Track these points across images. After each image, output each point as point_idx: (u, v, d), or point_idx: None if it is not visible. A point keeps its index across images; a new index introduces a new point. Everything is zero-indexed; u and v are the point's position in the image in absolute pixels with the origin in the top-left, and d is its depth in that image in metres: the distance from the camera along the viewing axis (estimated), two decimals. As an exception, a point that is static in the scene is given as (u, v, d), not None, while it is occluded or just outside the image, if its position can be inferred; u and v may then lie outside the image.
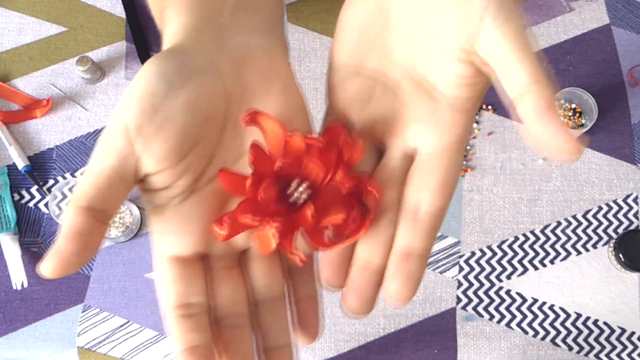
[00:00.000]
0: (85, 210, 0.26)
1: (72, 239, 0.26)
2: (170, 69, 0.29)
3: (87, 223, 0.26)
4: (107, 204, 0.27)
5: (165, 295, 0.29)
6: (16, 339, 0.71)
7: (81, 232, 0.26)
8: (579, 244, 0.74)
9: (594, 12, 0.83)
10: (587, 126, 0.74)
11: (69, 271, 0.26)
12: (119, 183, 0.27)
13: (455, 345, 0.71)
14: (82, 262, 0.26)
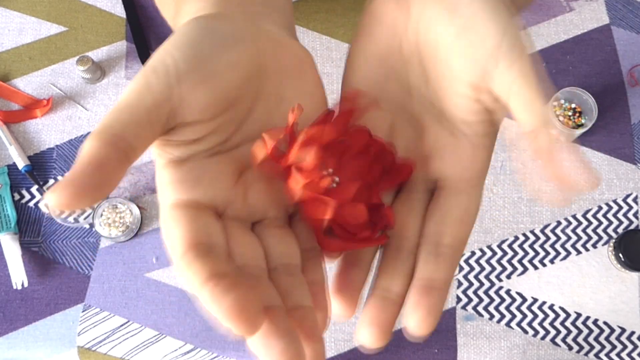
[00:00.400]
0: (110, 142, 0.24)
1: (93, 169, 0.23)
2: (218, 27, 0.28)
3: (111, 154, 0.24)
4: (136, 141, 0.25)
5: (175, 235, 0.26)
6: (16, 338, 0.71)
7: (103, 163, 0.24)
8: (578, 244, 0.74)
9: (594, 12, 0.83)
10: (586, 126, 0.74)
11: (80, 204, 0.23)
12: (147, 126, 0.26)
13: (455, 345, 0.71)
14: (97, 197, 0.24)
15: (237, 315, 0.23)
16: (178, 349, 0.71)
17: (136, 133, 0.25)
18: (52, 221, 0.75)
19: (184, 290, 0.73)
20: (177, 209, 0.27)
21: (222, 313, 0.23)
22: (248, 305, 0.23)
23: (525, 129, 0.27)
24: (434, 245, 0.29)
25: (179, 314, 0.72)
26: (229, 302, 0.23)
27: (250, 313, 0.23)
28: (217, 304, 0.23)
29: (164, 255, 0.74)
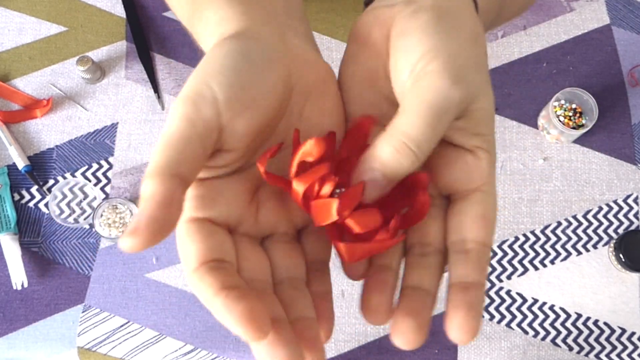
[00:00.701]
0: (174, 177, 0.25)
1: (163, 208, 0.24)
2: (253, 51, 0.28)
3: (176, 190, 0.25)
4: (191, 173, 0.26)
5: (190, 251, 0.27)
6: (16, 339, 0.71)
7: (171, 200, 0.24)
8: (579, 244, 0.74)
9: (595, 12, 0.83)
10: (587, 126, 0.74)
11: (152, 244, 0.24)
12: (201, 153, 0.26)
13: (456, 346, 0.71)
14: (166, 234, 0.24)
15: (248, 322, 0.24)
16: (178, 349, 0.71)
17: (190, 166, 0.26)
18: (52, 222, 0.75)
19: (184, 291, 0.73)
20: (193, 225, 0.28)
21: (233, 321, 0.24)
22: (257, 313, 0.24)
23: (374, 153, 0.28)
24: (461, 247, 0.29)
25: (179, 315, 0.72)
26: (240, 310, 0.24)
27: (260, 320, 0.24)
28: (228, 312, 0.24)
29: (164, 256, 0.74)
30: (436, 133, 0.28)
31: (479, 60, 0.30)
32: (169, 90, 0.81)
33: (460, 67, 0.28)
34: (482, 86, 0.29)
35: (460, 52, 0.29)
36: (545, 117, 0.77)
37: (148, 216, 0.24)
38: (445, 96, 0.28)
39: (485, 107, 0.29)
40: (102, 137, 0.79)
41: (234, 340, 0.71)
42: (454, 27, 0.30)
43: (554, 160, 0.77)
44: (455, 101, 0.28)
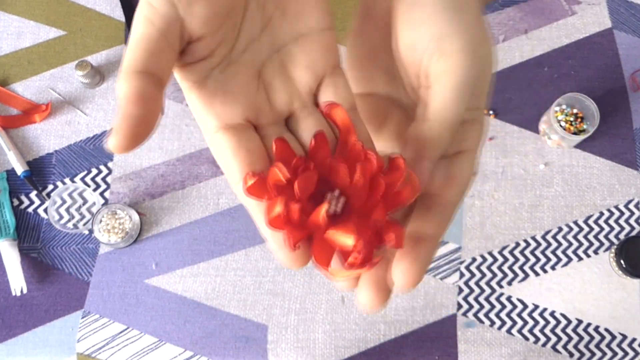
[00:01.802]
0: (143, 74, 0.25)
1: (136, 104, 0.25)
2: None
3: (148, 86, 0.25)
4: (161, 69, 0.26)
5: (229, 168, 0.29)
6: (15, 345, 0.71)
7: (144, 96, 0.25)
8: (580, 250, 0.74)
9: (596, 15, 0.83)
10: (588, 132, 0.74)
11: (136, 143, 0.25)
12: (167, 47, 0.27)
13: (456, 352, 0.71)
14: (148, 131, 0.25)
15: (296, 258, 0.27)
16: (177, 355, 0.71)
17: (158, 63, 0.26)
18: (51, 227, 0.75)
19: (183, 297, 0.73)
20: (220, 136, 0.29)
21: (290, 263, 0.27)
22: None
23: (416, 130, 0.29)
24: (427, 202, 0.31)
25: (178, 321, 0.72)
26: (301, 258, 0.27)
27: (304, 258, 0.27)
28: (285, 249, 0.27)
29: (163, 262, 0.74)
30: (463, 109, 0.29)
31: (484, 35, 0.31)
32: (168, 95, 0.81)
33: (475, 45, 0.30)
34: (488, 60, 0.30)
35: (471, 29, 0.30)
36: (546, 122, 0.76)
37: (124, 114, 0.25)
38: (469, 75, 0.29)
39: (486, 81, 0.30)
40: (101, 142, 0.79)
41: (234, 346, 0.71)
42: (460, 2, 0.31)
43: (555, 165, 0.77)
44: (474, 78, 0.29)
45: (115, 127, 0.24)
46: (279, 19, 0.31)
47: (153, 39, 0.26)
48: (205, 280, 0.73)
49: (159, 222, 0.75)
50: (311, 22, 0.32)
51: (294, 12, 0.31)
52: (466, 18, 0.30)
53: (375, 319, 0.72)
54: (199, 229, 0.75)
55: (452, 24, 0.30)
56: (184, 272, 0.74)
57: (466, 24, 0.30)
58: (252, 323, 0.72)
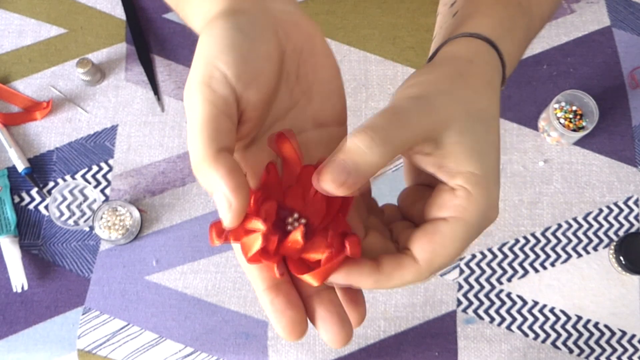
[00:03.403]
0: (223, 151, 0.27)
1: (237, 177, 0.26)
2: (244, 24, 0.30)
3: (233, 160, 0.27)
4: (230, 144, 0.28)
5: None
6: (16, 341, 0.71)
7: (236, 168, 0.26)
8: (579, 247, 0.74)
9: (595, 13, 0.83)
10: (587, 128, 0.74)
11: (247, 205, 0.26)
12: (231, 126, 0.28)
13: (456, 348, 0.71)
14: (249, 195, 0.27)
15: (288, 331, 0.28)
16: (178, 352, 0.71)
17: (229, 140, 0.28)
18: (52, 224, 0.75)
19: (184, 293, 0.73)
20: None
21: (276, 326, 0.29)
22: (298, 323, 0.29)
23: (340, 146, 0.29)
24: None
25: (178, 317, 0.72)
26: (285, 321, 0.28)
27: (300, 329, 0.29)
28: (272, 317, 0.29)
29: (164, 258, 0.74)
30: (392, 123, 0.29)
31: (458, 94, 0.31)
32: (169, 92, 0.81)
33: (426, 92, 0.31)
34: (457, 118, 0.30)
35: (432, 83, 0.32)
36: (545, 120, 0.76)
37: (233, 190, 0.26)
38: (401, 104, 0.30)
39: (460, 142, 0.30)
40: (102, 139, 0.79)
41: (234, 342, 0.71)
42: (437, 67, 0.34)
43: (555, 162, 0.77)
44: (411, 109, 0.30)
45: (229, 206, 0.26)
46: (303, 105, 0.33)
47: (220, 119, 0.28)
48: (206, 276, 0.73)
49: (159, 218, 0.75)
50: (332, 115, 0.34)
51: (318, 102, 0.34)
52: (432, 74, 0.33)
53: (375, 316, 0.72)
54: (199, 225, 0.75)
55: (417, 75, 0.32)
56: (185, 269, 0.74)
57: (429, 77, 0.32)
58: (253, 319, 0.72)
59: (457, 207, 0.30)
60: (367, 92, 0.80)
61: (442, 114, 0.30)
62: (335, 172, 0.28)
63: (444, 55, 0.36)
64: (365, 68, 0.81)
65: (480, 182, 0.30)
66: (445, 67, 0.34)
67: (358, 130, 0.29)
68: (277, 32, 0.31)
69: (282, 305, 0.28)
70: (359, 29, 0.83)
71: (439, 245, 0.30)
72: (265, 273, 0.29)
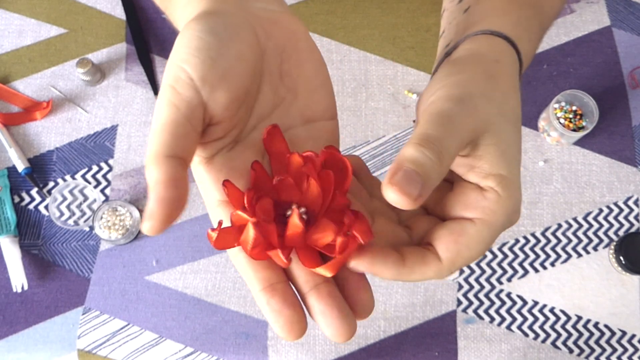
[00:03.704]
0: (172, 158, 0.27)
1: (170, 188, 0.26)
2: (217, 26, 0.30)
3: (178, 170, 0.26)
4: (187, 152, 0.28)
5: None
6: (16, 341, 0.71)
7: (176, 179, 0.26)
8: (579, 247, 0.74)
9: (595, 13, 0.83)
10: (587, 128, 0.74)
11: (170, 223, 0.26)
12: (192, 131, 0.28)
13: (456, 348, 0.71)
14: (180, 211, 0.26)
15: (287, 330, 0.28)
16: (178, 352, 0.71)
17: (184, 146, 0.27)
18: (52, 224, 0.75)
19: (184, 293, 0.73)
20: (223, 210, 0.31)
21: (274, 325, 0.28)
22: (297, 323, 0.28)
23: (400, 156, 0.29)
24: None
25: (178, 317, 0.72)
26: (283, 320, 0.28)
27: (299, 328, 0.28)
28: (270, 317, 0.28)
29: (163, 259, 0.74)
30: (448, 132, 0.29)
31: (492, 95, 0.31)
32: (168, 92, 0.81)
33: (467, 93, 0.31)
34: (493, 120, 0.30)
35: (469, 83, 0.32)
36: (545, 119, 0.76)
37: (159, 198, 0.26)
38: (448, 107, 0.30)
39: (496, 144, 0.30)
40: (102, 139, 0.79)
41: (234, 342, 0.71)
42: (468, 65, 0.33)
43: (555, 162, 0.77)
44: (460, 114, 0.29)
45: (150, 211, 0.26)
46: (289, 102, 0.33)
47: (179, 123, 0.28)
48: (206, 276, 0.73)
49: (159, 218, 0.75)
50: (319, 110, 0.34)
51: (304, 97, 0.33)
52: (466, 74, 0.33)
53: (375, 316, 0.72)
54: (199, 225, 0.75)
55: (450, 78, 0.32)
56: (185, 269, 0.74)
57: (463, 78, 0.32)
58: (253, 319, 0.72)
59: (485, 209, 0.30)
60: (367, 92, 0.80)
61: (482, 116, 0.30)
62: (410, 185, 0.27)
63: (468, 52, 0.36)
64: (365, 68, 0.81)
65: (509, 185, 0.30)
66: (475, 66, 0.34)
67: (420, 140, 0.28)
68: (254, 31, 0.31)
69: (279, 305, 0.28)
70: (359, 29, 0.83)
71: (464, 246, 0.30)
72: (261, 273, 0.29)
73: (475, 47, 0.36)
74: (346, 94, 0.80)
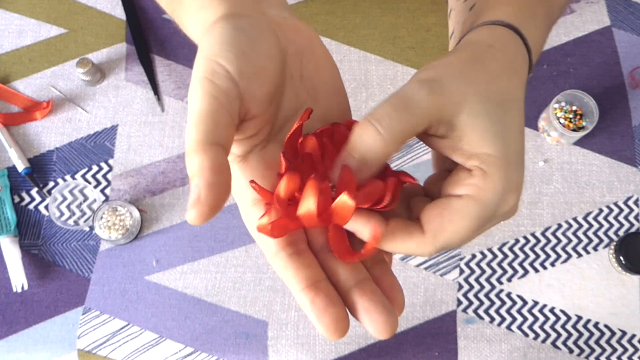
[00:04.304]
0: (216, 145, 0.26)
1: (218, 173, 0.25)
2: (245, 25, 0.30)
3: (222, 157, 0.26)
4: (228, 141, 0.27)
5: (264, 243, 0.30)
6: (16, 341, 0.71)
7: (222, 165, 0.26)
8: (579, 247, 0.74)
9: (595, 13, 0.83)
10: (587, 128, 0.74)
11: (217, 211, 0.25)
12: (230, 122, 0.28)
13: (456, 348, 0.71)
14: (226, 198, 0.26)
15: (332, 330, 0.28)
16: (178, 352, 0.71)
17: (225, 135, 0.27)
18: (52, 224, 0.75)
19: (184, 293, 0.73)
20: (258, 206, 0.31)
21: (318, 325, 0.28)
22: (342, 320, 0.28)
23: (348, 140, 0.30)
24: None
25: (179, 317, 0.72)
26: (327, 319, 0.28)
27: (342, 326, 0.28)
28: (314, 317, 0.28)
29: (164, 258, 0.74)
30: (398, 112, 0.29)
31: (472, 76, 0.31)
32: (169, 92, 0.81)
33: (436, 76, 0.31)
34: (468, 99, 0.30)
35: (444, 66, 0.32)
36: (545, 119, 0.76)
37: (207, 184, 0.25)
38: (411, 87, 0.30)
39: (474, 124, 0.30)
40: (102, 139, 0.79)
41: (234, 342, 0.71)
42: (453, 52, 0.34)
43: (555, 162, 0.77)
44: (419, 93, 0.30)
45: (195, 199, 0.25)
46: (311, 105, 0.34)
47: (219, 113, 0.27)
48: (206, 276, 0.73)
49: (159, 218, 0.75)
50: (339, 114, 0.35)
51: (325, 101, 0.34)
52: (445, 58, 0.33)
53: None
54: (199, 226, 0.75)
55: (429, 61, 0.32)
56: (185, 269, 0.74)
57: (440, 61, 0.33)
58: (253, 319, 0.72)
59: (472, 185, 0.30)
60: (367, 92, 0.80)
61: (454, 96, 0.30)
62: None
63: (464, 42, 0.36)
64: (365, 68, 0.81)
65: (496, 163, 0.30)
66: (462, 52, 0.34)
67: (362, 121, 0.29)
68: (275, 34, 0.32)
69: (324, 303, 0.28)
70: (359, 28, 0.83)
71: (447, 219, 0.30)
72: (302, 272, 0.29)
73: (473, 36, 0.36)
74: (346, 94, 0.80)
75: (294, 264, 0.29)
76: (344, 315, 0.28)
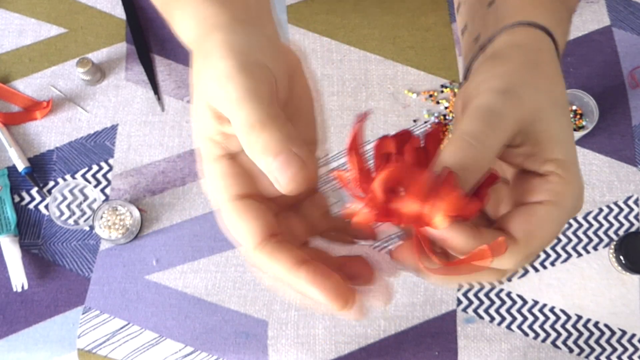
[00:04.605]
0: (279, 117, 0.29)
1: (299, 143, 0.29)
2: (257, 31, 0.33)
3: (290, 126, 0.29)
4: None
5: (248, 229, 0.30)
6: (16, 341, 0.71)
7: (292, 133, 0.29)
8: (579, 246, 0.74)
9: (595, 13, 0.83)
10: (587, 128, 0.74)
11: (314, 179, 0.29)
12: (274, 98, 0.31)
13: (456, 348, 0.71)
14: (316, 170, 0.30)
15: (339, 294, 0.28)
16: (178, 351, 0.71)
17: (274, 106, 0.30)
18: (52, 223, 0.75)
19: (184, 293, 0.73)
20: (240, 203, 0.30)
21: (323, 293, 0.28)
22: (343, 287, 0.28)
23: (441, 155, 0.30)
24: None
25: (179, 317, 0.72)
26: (331, 284, 0.28)
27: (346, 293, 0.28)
28: (317, 286, 0.28)
29: (164, 258, 0.74)
30: (491, 128, 0.29)
31: (538, 83, 0.32)
32: (169, 92, 0.81)
33: (510, 85, 0.31)
34: (542, 107, 0.31)
35: (512, 74, 0.32)
36: (545, 119, 0.76)
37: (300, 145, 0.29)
38: (493, 100, 0.30)
39: (547, 130, 0.31)
40: (102, 139, 0.79)
41: (234, 342, 0.71)
42: (510, 57, 0.34)
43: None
44: (504, 106, 0.30)
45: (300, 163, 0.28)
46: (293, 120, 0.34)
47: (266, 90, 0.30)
48: (206, 276, 0.73)
49: (159, 218, 0.75)
50: (311, 141, 0.35)
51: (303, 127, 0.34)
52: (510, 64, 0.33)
53: (375, 315, 0.72)
54: (199, 225, 0.75)
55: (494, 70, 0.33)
56: (185, 268, 0.74)
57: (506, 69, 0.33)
58: (253, 319, 0.72)
59: (551, 191, 0.30)
60: (367, 92, 0.80)
61: (530, 105, 0.30)
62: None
63: (508, 44, 0.36)
64: (365, 67, 0.81)
65: (569, 167, 0.31)
66: (517, 57, 0.34)
67: (456, 137, 0.29)
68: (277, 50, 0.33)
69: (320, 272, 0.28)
70: (359, 28, 0.83)
71: (536, 226, 0.30)
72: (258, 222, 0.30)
73: (514, 38, 0.36)
74: (346, 94, 0.80)
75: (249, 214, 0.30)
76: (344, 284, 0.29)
